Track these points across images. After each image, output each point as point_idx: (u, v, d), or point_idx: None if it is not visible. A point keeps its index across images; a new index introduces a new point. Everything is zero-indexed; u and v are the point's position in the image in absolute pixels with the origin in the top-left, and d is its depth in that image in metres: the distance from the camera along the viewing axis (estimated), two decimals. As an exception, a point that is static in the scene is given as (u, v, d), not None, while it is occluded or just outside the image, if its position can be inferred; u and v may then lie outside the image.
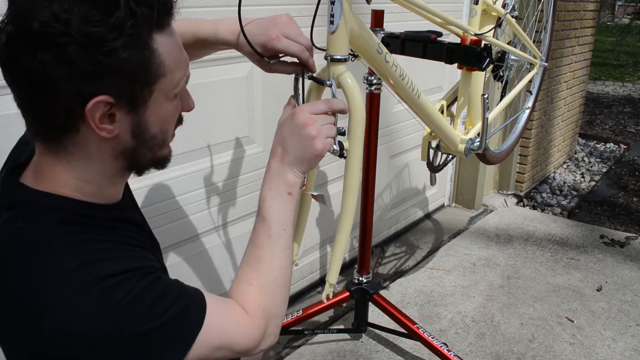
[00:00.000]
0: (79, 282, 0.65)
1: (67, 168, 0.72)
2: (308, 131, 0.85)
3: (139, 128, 0.72)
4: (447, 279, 2.41)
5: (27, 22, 0.62)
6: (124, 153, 0.74)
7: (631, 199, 3.65)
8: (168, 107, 0.74)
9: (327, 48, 1.00)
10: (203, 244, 1.76)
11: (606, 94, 7.43)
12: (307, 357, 1.87)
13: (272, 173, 0.88)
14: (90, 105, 0.66)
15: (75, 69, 0.64)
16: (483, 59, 1.48)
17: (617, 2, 18.25)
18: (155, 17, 0.68)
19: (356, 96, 0.98)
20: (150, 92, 0.71)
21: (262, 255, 0.85)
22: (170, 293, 0.72)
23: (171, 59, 0.71)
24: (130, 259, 0.70)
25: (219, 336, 0.76)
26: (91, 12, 0.63)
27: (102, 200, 0.76)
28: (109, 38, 0.64)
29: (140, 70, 0.68)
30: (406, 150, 2.66)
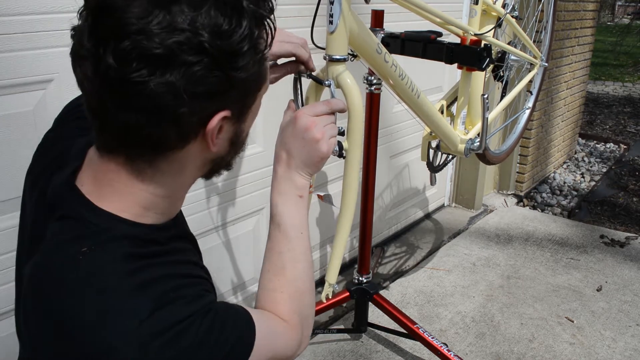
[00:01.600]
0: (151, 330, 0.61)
1: (147, 185, 0.65)
2: (312, 134, 0.83)
3: (237, 136, 0.69)
4: (447, 279, 2.41)
5: (146, 37, 0.54)
6: (214, 161, 0.70)
7: (631, 199, 3.65)
8: (257, 111, 0.72)
9: (326, 48, 1.00)
10: (203, 244, 1.76)
11: (606, 94, 7.43)
12: (307, 357, 1.87)
13: (279, 179, 0.86)
14: (214, 123, 0.61)
15: (205, 88, 0.58)
16: (483, 59, 1.48)
17: (617, 2, 18.25)
18: (267, 21, 0.63)
19: (355, 96, 0.98)
20: (254, 100, 0.68)
21: (285, 261, 0.84)
22: (227, 324, 0.70)
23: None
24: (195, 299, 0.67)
25: (267, 350, 0.76)
26: (219, 21, 0.56)
27: (169, 217, 0.72)
28: (241, 51, 0.58)
29: (259, 81, 0.65)
30: (406, 150, 2.66)
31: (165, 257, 0.69)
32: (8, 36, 1.17)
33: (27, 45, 1.20)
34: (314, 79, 1.01)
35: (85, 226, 0.64)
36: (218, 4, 0.57)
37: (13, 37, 1.18)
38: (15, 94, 1.21)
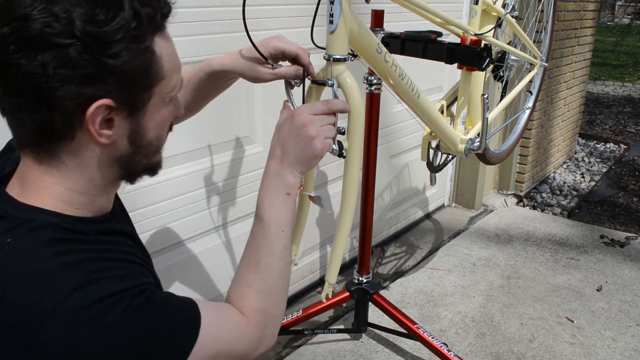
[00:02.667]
0: (74, 306, 0.63)
1: (58, 179, 0.70)
2: (307, 131, 0.84)
3: (135, 134, 0.71)
4: (447, 279, 2.41)
5: (25, 23, 0.60)
6: (119, 160, 0.72)
7: (631, 199, 3.65)
8: (164, 111, 0.73)
9: (326, 47, 1.00)
10: (203, 244, 1.76)
11: (606, 94, 7.43)
12: (307, 357, 1.87)
13: (270, 174, 0.88)
14: (92, 109, 0.64)
15: (77, 71, 0.62)
16: (483, 59, 1.48)
17: (617, 2, 18.25)
18: (158, 19, 0.67)
19: (355, 96, 0.98)
20: (150, 96, 0.69)
21: (261, 256, 0.84)
22: (164, 310, 0.70)
23: (169, 61, 0.70)
24: (123, 278, 0.69)
25: (215, 345, 0.75)
26: (95, 12, 0.61)
27: (93, 212, 0.74)
28: (113, 39, 0.62)
29: (143, 72, 0.67)
30: (406, 150, 2.66)
31: (92, 245, 0.71)
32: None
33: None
34: (316, 82, 1.01)
35: (10, 221, 0.68)
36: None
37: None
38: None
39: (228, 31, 1.63)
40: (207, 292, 1.81)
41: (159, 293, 0.72)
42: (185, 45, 1.52)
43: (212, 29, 1.58)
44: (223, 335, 0.77)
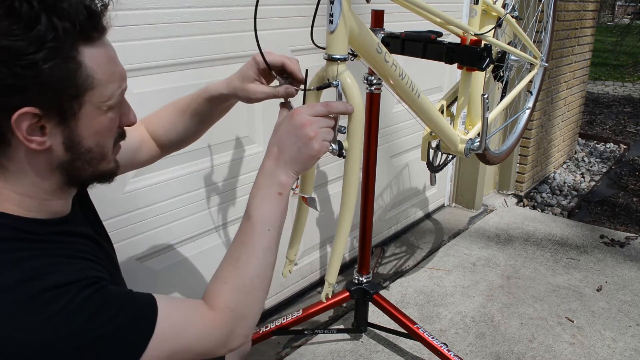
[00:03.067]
0: (15, 297, 0.64)
1: (4, 184, 0.72)
2: (306, 131, 0.85)
3: (71, 141, 0.72)
4: (447, 279, 2.41)
5: None
6: (60, 167, 0.74)
7: (631, 199, 3.65)
8: (102, 120, 0.74)
9: (326, 47, 1.00)
10: (203, 244, 1.76)
11: (606, 94, 7.43)
12: (307, 357, 1.87)
13: (265, 172, 0.89)
14: (15, 117, 0.67)
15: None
16: (483, 59, 1.48)
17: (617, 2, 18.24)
18: (79, 30, 0.68)
19: (356, 96, 0.98)
20: (80, 105, 0.71)
21: (242, 253, 0.84)
22: (113, 304, 0.70)
23: (101, 71, 0.72)
24: (71, 272, 0.69)
25: (174, 341, 0.75)
26: (11, 27, 0.64)
27: (47, 215, 0.76)
28: (28, 51, 0.65)
29: (66, 82, 0.68)
30: (406, 150, 2.66)
31: (44, 244, 0.73)
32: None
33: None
34: (321, 87, 1.01)
35: None
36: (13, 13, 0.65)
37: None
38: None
39: (228, 31, 1.63)
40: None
41: (111, 287, 0.72)
42: (185, 45, 1.53)
43: (212, 29, 1.59)
44: (184, 332, 0.76)
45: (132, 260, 1.56)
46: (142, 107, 1.46)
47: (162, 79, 1.50)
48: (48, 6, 0.66)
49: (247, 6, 1.66)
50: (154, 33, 1.44)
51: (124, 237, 1.52)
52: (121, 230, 1.50)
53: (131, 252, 1.55)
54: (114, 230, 1.49)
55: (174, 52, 1.51)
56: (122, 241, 1.52)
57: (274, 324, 1.81)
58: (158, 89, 1.50)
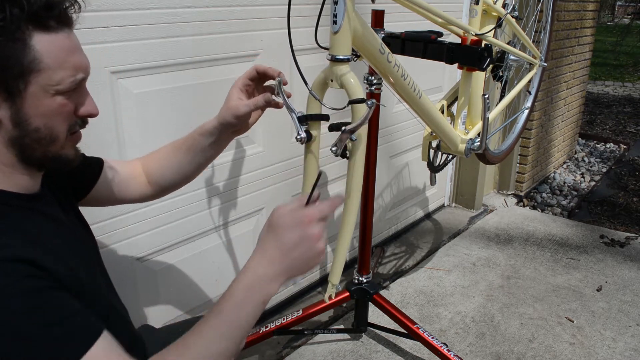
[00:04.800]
0: None
1: None
2: (318, 246, 0.79)
3: (18, 117, 0.76)
4: (447, 279, 2.41)
5: None
6: (12, 141, 0.77)
7: (631, 199, 3.65)
8: (49, 102, 0.77)
9: (329, 48, 1.00)
10: (203, 244, 1.76)
11: (606, 94, 7.43)
12: (307, 357, 1.87)
13: (260, 277, 0.79)
14: None
15: None
16: (483, 59, 1.48)
17: (617, 2, 18.25)
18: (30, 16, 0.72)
19: (360, 96, 0.98)
20: (25, 84, 0.74)
21: (193, 344, 0.76)
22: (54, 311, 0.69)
23: (51, 57, 0.75)
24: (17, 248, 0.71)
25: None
26: None
27: (15, 188, 0.80)
28: None
29: (11, 60, 0.72)
30: (406, 150, 2.66)
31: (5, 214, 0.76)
32: (8, 36, 1.16)
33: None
34: (354, 102, 1.00)
35: None
36: None
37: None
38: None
39: (228, 31, 1.63)
40: (206, 292, 1.81)
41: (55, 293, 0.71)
42: (185, 45, 1.52)
43: (212, 29, 1.58)
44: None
45: (132, 260, 1.56)
46: (141, 107, 1.47)
47: (162, 79, 1.50)
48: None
49: (247, 6, 1.66)
50: (154, 33, 1.44)
51: (124, 237, 1.52)
52: (121, 230, 1.50)
53: (131, 252, 1.55)
54: (113, 230, 1.49)
55: (174, 52, 1.50)
56: (122, 241, 1.51)
57: (274, 323, 1.81)
58: (158, 89, 1.49)
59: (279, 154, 1.92)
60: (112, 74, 1.38)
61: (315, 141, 1.14)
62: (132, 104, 1.44)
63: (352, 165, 1.02)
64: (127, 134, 1.45)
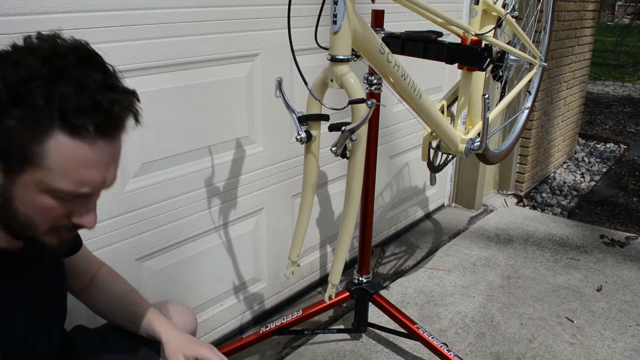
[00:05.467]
0: None
1: None
2: None
3: (5, 191, 0.73)
4: (447, 279, 2.41)
5: None
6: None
7: (631, 199, 3.65)
8: (36, 197, 0.74)
9: (329, 48, 1.00)
10: (203, 244, 1.76)
11: (606, 94, 7.43)
12: (307, 357, 1.87)
13: None
14: None
15: None
16: (484, 59, 1.48)
17: (617, 2, 18.25)
18: (62, 116, 0.68)
19: (360, 96, 0.98)
20: (22, 170, 0.71)
21: None
22: None
23: (59, 162, 0.71)
24: None
25: None
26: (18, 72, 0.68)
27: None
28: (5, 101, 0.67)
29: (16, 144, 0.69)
30: (406, 150, 2.66)
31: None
32: (8, 36, 1.16)
33: (27, 45, 1.20)
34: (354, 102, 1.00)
35: None
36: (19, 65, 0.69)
37: (13, 37, 1.17)
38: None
39: (228, 31, 1.63)
40: (206, 292, 1.81)
41: None
42: (185, 45, 1.52)
43: (212, 29, 1.58)
44: None
45: (132, 260, 1.56)
46: (141, 107, 1.47)
47: (162, 79, 1.50)
48: (48, 79, 0.68)
49: (247, 6, 1.66)
50: (154, 33, 1.44)
51: (124, 237, 1.52)
52: (121, 230, 1.50)
53: (131, 252, 1.55)
54: (114, 230, 1.49)
55: (174, 52, 1.50)
56: (122, 241, 1.51)
57: (274, 323, 1.81)
58: (158, 89, 1.49)
59: (279, 154, 1.92)
60: (112, 74, 1.38)
61: (315, 141, 1.14)
62: (132, 104, 1.44)
63: (352, 165, 1.02)
64: (127, 134, 1.45)
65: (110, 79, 0.74)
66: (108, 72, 0.74)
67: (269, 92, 1.82)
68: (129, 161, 1.48)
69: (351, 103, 1.00)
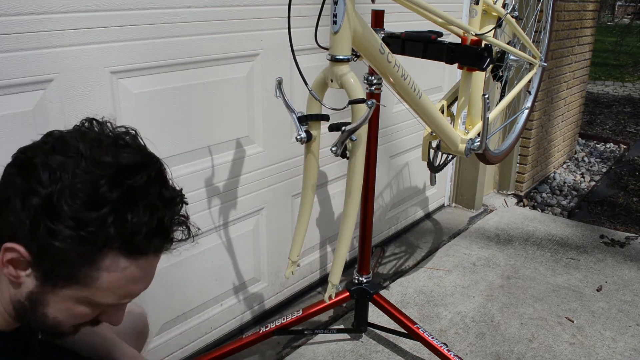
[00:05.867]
0: None
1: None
2: None
3: (36, 297, 0.70)
4: (447, 279, 2.41)
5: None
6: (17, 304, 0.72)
7: (631, 199, 3.65)
8: (73, 307, 0.72)
9: (329, 48, 1.00)
10: (203, 244, 1.76)
11: (606, 94, 7.43)
12: (307, 357, 1.87)
13: None
14: (8, 244, 0.66)
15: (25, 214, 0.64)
16: (484, 59, 1.48)
17: (617, 2, 18.25)
18: (122, 242, 0.66)
19: (360, 96, 0.98)
20: (65, 285, 0.69)
21: None
22: None
23: (111, 283, 0.69)
24: None
25: None
26: (83, 189, 0.64)
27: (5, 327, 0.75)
28: (65, 222, 0.64)
29: (69, 265, 0.66)
30: (406, 150, 2.66)
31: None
32: (8, 36, 1.16)
33: (27, 45, 1.20)
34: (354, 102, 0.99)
35: None
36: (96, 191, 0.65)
37: (13, 37, 1.18)
38: (15, 94, 1.21)
39: (228, 31, 1.63)
40: (206, 292, 1.81)
41: None
42: (185, 45, 1.52)
43: (212, 29, 1.58)
44: None
45: (132, 260, 1.56)
46: (141, 107, 1.47)
47: (162, 79, 1.50)
48: (119, 206, 0.64)
49: (247, 6, 1.66)
50: (154, 33, 1.44)
51: (124, 237, 1.51)
52: (121, 230, 1.50)
53: (131, 252, 1.55)
54: (114, 230, 1.48)
55: (174, 52, 1.50)
56: (122, 241, 1.51)
57: (274, 323, 1.81)
58: (158, 89, 1.50)
59: (279, 154, 1.92)
60: (112, 74, 1.38)
61: (315, 141, 1.15)
62: (132, 104, 1.44)
63: (352, 165, 1.02)
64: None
65: (167, 187, 0.71)
66: (165, 179, 0.72)
67: (269, 92, 1.82)
68: (129, 161, 1.48)
69: (351, 103, 1.00)
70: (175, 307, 1.73)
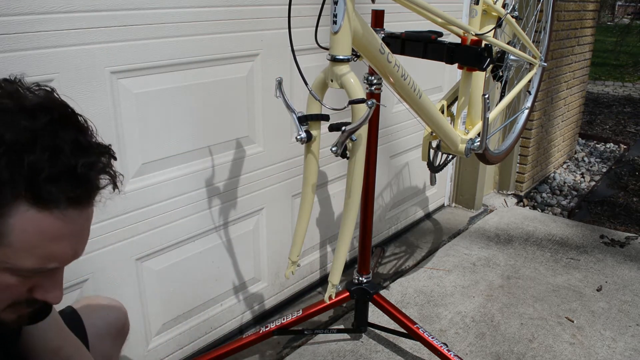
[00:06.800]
0: None
1: None
2: None
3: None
4: (447, 279, 2.41)
5: None
6: None
7: (631, 199, 3.65)
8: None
9: (330, 48, 1.00)
10: (203, 244, 1.76)
11: (606, 94, 7.43)
12: (307, 357, 1.87)
13: None
14: None
15: None
16: (484, 59, 1.48)
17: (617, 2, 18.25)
18: (29, 188, 0.60)
19: (360, 96, 0.98)
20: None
21: None
22: None
23: (23, 238, 0.62)
24: None
25: None
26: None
27: None
28: None
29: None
30: (406, 150, 2.66)
31: None
32: (8, 36, 1.16)
33: (27, 45, 1.20)
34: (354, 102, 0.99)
35: None
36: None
37: (13, 37, 1.18)
38: (15, 94, 1.21)
39: (228, 31, 1.63)
40: (206, 292, 1.81)
41: None
42: (185, 45, 1.52)
43: (212, 29, 1.58)
44: None
45: (132, 260, 1.56)
46: (142, 107, 1.47)
47: (162, 79, 1.50)
48: (14, 147, 0.59)
49: (247, 6, 1.66)
50: (154, 33, 1.44)
51: (124, 237, 1.52)
52: (121, 230, 1.50)
53: (131, 252, 1.55)
54: (114, 230, 1.48)
55: (174, 52, 1.50)
56: (122, 241, 1.51)
57: (274, 323, 1.81)
58: (158, 89, 1.50)
59: (279, 154, 1.92)
60: (112, 74, 1.38)
61: (315, 141, 1.15)
62: (132, 104, 1.44)
63: (352, 165, 1.02)
64: (127, 134, 1.45)
65: (85, 136, 0.65)
66: (81, 127, 0.65)
67: (269, 92, 1.82)
68: (129, 161, 1.48)
69: (351, 103, 1.00)
70: (175, 307, 1.73)
